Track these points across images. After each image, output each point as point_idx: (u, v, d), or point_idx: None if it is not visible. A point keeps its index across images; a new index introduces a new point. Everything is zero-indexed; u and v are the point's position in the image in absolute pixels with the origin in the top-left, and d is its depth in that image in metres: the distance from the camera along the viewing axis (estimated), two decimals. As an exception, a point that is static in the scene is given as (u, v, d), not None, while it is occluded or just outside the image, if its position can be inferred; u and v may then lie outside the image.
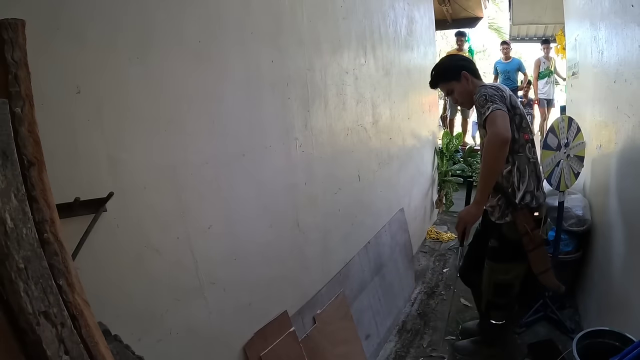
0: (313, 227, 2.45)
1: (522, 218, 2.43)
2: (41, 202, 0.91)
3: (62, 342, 0.82)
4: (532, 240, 2.46)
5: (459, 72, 2.57)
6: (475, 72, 2.65)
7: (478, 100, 2.33)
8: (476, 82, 2.58)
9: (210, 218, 1.69)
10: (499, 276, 2.62)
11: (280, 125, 2.13)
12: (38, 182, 0.92)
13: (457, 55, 3.04)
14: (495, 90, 2.36)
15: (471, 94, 2.51)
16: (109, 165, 1.32)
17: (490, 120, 2.22)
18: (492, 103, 2.24)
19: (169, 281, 1.54)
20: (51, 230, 0.92)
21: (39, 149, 0.93)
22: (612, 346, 2.02)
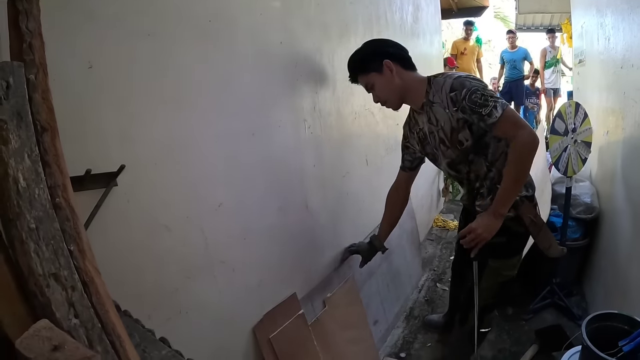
0: (322, 209, 2.44)
1: (526, 211, 2.16)
2: (54, 167, 0.91)
3: (72, 306, 0.81)
4: (537, 225, 2.22)
5: (381, 61, 2.04)
6: (406, 61, 2.13)
7: (469, 97, 1.87)
8: (412, 75, 2.12)
9: (220, 196, 1.69)
10: (506, 273, 2.36)
11: (289, 106, 2.12)
12: (51, 147, 0.92)
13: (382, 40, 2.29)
14: (476, 80, 1.96)
15: (398, 90, 2.09)
16: (120, 140, 1.32)
17: (512, 120, 1.87)
18: (495, 99, 1.85)
19: (179, 259, 1.55)
20: (63, 196, 0.91)
21: (52, 115, 0.93)
22: (620, 330, 2.01)
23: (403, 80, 2.08)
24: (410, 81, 2.10)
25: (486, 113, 1.84)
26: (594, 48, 4.17)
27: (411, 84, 2.10)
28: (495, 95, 1.87)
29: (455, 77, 1.95)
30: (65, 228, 0.89)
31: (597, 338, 1.90)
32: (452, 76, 1.97)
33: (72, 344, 0.60)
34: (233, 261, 1.79)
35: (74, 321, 0.81)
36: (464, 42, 8.19)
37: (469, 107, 1.88)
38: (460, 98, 1.89)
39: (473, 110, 1.88)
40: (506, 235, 2.19)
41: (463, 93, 1.88)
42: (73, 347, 0.58)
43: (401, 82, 2.07)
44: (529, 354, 2.86)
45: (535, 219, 2.19)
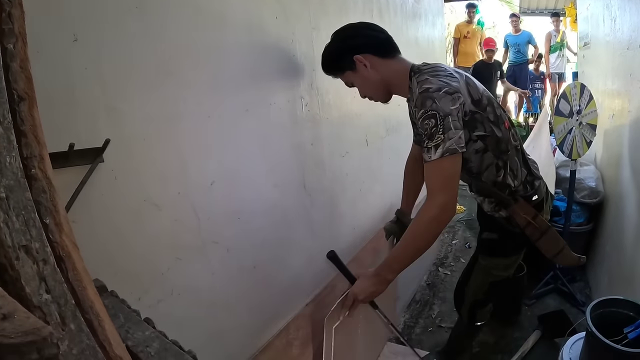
0: (320, 189, 2.38)
1: (519, 210, 1.98)
2: (30, 137, 0.87)
3: (43, 280, 0.76)
4: (538, 229, 2.00)
5: (351, 57, 1.84)
6: (383, 47, 1.88)
7: (423, 120, 1.62)
8: (392, 66, 1.88)
9: (212, 174, 1.64)
10: (497, 273, 2.22)
11: (285, 82, 2.06)
12: (28, 117, 0.87)
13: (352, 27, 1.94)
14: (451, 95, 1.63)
15: (379, 84, 1.90)
16: (107, 115, 1.27)
17: (436, 176, 1.63)
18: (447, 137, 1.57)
19: (170, 238, 1.50)
20: (40, 167, 0.87)
21: (30, 85, 0.89)
22: (625, 316, 1.97)
23: (382, 73, 1.87)
24: (391, 73, 1.88)
25: (427, 146, 1.62)
26: (599, 30, 4.12)
27: (392, 75, 1.88)
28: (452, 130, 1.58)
29: (423, 89, 1.66)
30: (41, 200, 0.85)
31: (601, 324, 1.87)
32: (422, 86, 1.68)
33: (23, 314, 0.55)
34: (227, 241, 1.73)
35: (45, 296, 0.76)
36: (467, 26, 8.13)
37: (421, 130, 1.67)
38: (417, 117, 1.69)
39: (422, 135, 1.67)
40: (498, 233, 2.12)
41: (420, 114, 1.64)
42: (23, 317, 0.53)
43: (380, 75, 1.87)
44: (532, 339, 2.84)
45: (535, 221, 1.98)
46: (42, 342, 0.51)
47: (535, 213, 1.98)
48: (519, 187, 1.99)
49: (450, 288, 3.52)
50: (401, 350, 2.86)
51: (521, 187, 1.99)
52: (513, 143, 1.93)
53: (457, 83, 1.71)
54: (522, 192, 2.00)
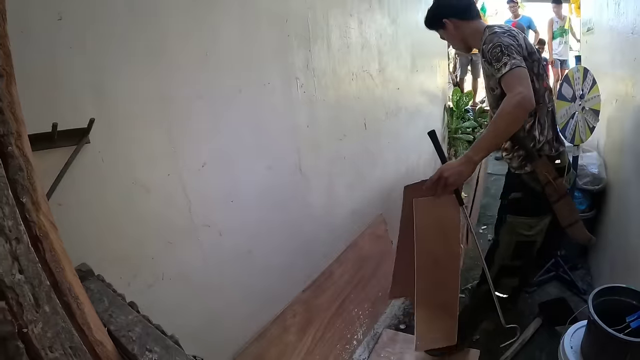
0: (316, 172, 2.36)
1: (542, 167, 2.18)
2: (7, 115, 0.83)
3: (16, 260, 0.72)
4: (556, 190, 2.21)
5: (441, 20, 2.31)
6: (465, 12, 2.30)
7: (491, 51, 2.00)
8: (471, 25, 2.28)
9: (203, 155, 1.61)
10: (522, 232, 2.32)
11: (279, 62, 2.02)
12: (5, 94, 0.83)
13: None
14: (510, 37, 2.04)
15: (461, 41, 2.34)
16: (93, 94, 1.24)
17: (512, 79, 1.91)
18: (510, 57, 1.94)
19: (160, 222, 1.47)
20: (17, 144, 0.83)
21: (9, 61, 0.85)
22: (628, 304, 1.93)
23: (464, 33, 2.29)
24: (470, 32, 2.27)
25: (497, 67, 1.95)
26: (603, 14, 4.06)
27: (471, 34, 2.28)
28: (513, 52, 1.95)
29: (492, 31, 2.10)
30: (17, 178, 0.81)
31: (603, 312, 1.83)
32: (492, 29, 2.12)
33: None
34: (219, 225, 1.71)
35: (18, 277, 0.73)
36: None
37: (489, 60, 2.03)
38: (486, 50, 2.04)
39: (490, 62, 2.01)
40: (522, 191, 2.29)
41: (489, 47, 2.02)
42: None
43: (463, 34, 2.30)
44: (532, 327, 2.81)
45: (555, 182, 2.19)
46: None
47: (556, 174, 2.21)
48: (544, 144, 2.21)
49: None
50: (400, 337, 2.86)
51: (547, 146, 2.22)
52: (546, 101, 2.21)
53: (516, 34, 2.12)
54: (547, 150, 2.23)
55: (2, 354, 0.51)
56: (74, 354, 0.81)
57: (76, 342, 0.82)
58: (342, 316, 2.59)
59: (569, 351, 2.02)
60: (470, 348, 2.70)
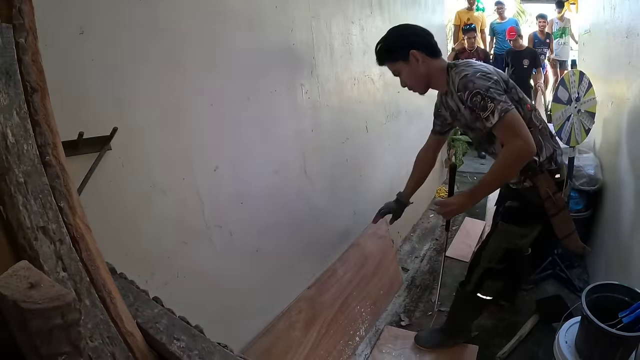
0: (320, 175, 2.43)
1: (543, 182, 2.15)
2: (44, 127, 0.91)
3: (60, 259, 0.81)
4: (555, 204, 2.19)
5: (407, 51, 2.09)
6: (432, 48, 2.15)
7: (471, 99, 1.91)
8: (436, 64, 2.14)
9: (215, 160, 1.69)
10: (513, 240, 2.33)
11: (285, 70, 2.10)
12: (41, 107, 0.92)
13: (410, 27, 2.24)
14: (484, 78, 1.93)
15: (423, 78, 2.16)
16: (114, 105, 1.32)
17: (506, 130, 1.86)
18: (495, 102, 1.84)
19: (175, 223, 1.55)
20: (53, 154, 0.91)
21: (42, 76, 0.93)
22: (620, 301, 1.99)
23: (428, 69, 2.13)
24: (435, 69, 2.15)
25: (484, 117, 1.88)
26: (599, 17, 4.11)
27: (435, 72, 2.15)
28: (497, 97, 1.86)
29: (462, 76, 1.98)
30: (55, 185, 0.89)
31: (597, 309, 1.88)
32: (460, 74, 2.01)
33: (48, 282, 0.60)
34: (230, 225, 1.79)
35: (62, 274, 0.81)
36: (468, 12, 7.99)
37: (471, 108, 1.96)
38: (465, 99, 1.96)
39: (474, 112, 1.95)
40: (519, 201, 2.28)
41: (466, 95, 1.93)
42: (49, 285, 0.59)
43: (426, 70, 2.13)
44: (529, 324, 2.86)
45: (554, 197, 2.17)
46: (66, 308, 0.56)
47: (556, 189, 2.18)
48: (544, 161, 2.17)
49: (450, 273, 3.57)
50: (401, 334, 2.92)
51: (546, 161, 2.18)
52: (535, 123, 2.13)
53: (487, 69, 2.02)
54: (547, 165, 2.18)
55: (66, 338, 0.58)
56: (111, 343, 0.89)
57: (113, 332, 0.90)
58: (345, 313, 2.65)
59: (564, 346, 2.08)
60: (469, 344, 2.76)
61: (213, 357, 0.98)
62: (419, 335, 2.84)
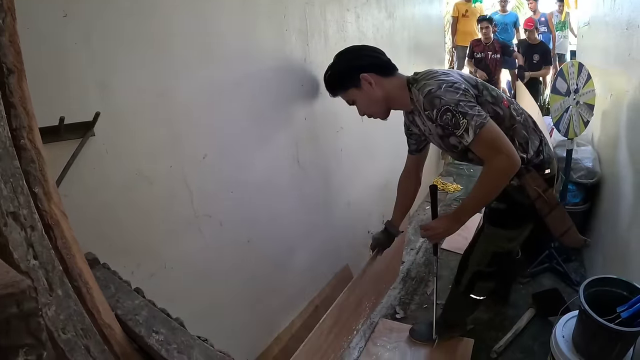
0: (314, 164, 2.39)
1: (531, 181, 2.00)
2: (19, 109, 0.87)
3: (31, 246, 0.77)
4: (547, 203, 2.04)
5: (357, 76, 1.94)
6: (384, 67, 2.00)
7: (441, 117, 1.74)
8: (393, 82, 1.98)
9: (204, 147, 1.64)
10: (501, 244, 2.23)
11: (277, 56, 2.04)
12: (17, 89, 0.88)
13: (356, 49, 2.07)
14: (452, 89, 1.77)
15: (381, 102, 1.99)
16: (98, 90, 1.27)
17: (484, 146, 1.74)
18: (467, 117, 1.70)
19: (162, 212, 1.51)
20: (28, 137, 0.87)
21: (19, 58, 0.89)
22: (619, 295, 1.95)
23: (385, 90, 1.98)
24: (392, 89, 1.99)
25: (459, 135, 1.74)
26: (599, 9, 4.09)
27: (394, 92, 1.99)
28: (469, 112, 1.71)
29: (425, 92, 1.80)
30: (30, 170, 0.86)
31: (594, 303, 1.85)
32: (423, 90, 1.82)
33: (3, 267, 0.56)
34: (220, 215, 1.75)
35: (33, 262, 0.78)
36: (466, 4, 7.92)
37: (443, 127, 1.82)
38: (434, 118, 1.79)
39: (447, 130, 1.80)
40: (507, 203, 2.12)
41: (434, 114, 1.77)
42: (3, 272, 0.55)
43: (383, 93, 1.98)
44: (526, 317, 2.84)
45: (545, 195, 2.03)
46: (21, 295, 0.52)
47: (546, 186, 2.03)
48: (532, 157, 2.02)
49: (445, 266, 3.55)
50: (396, 326, 2.90)
51: (534, 156, 2.02)
52: (517, 118, 1.99)
53: (452, 77, 1.85)
54: (535, 159, 2.02)
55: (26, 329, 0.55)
56: (85, 335, 0.85)
57: (87, 324, 0.87)
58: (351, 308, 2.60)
59: (561, 340, 2.06)
60: (464, 337, 2.75)
61: (192, 351, 0.95)
62: (414, 329, 2.81)
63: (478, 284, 2.41)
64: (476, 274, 2.37)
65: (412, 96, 1.93)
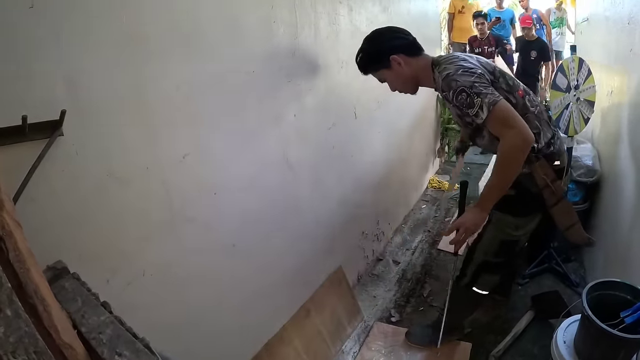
0: (304, 164, 2.30)
1: (540, 170, 2.06)
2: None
3: (-24, 260, 0.68)
4: (554, 194, 2.11)
5: (387, 57, 2.09)
6: (412, 47, 2.14)
7: (456, 98, 1.86)
8: (420, 62, 2.12)
9: (184, 146, 1.54)
10: (509, 231, 2.23)
11: (264, 49, 1.94)
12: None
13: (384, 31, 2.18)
14: (467, 74, 1.89)
15: (410, 79, 2.16)
16: (67, 86, 1.18)
17: (498, 123, 1.83)
18: (481, 97, 1.81)
19: (139, 216, 1.42)
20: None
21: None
22: (622, 299, 1.89)
23: (413, 69, 2.12)
24: (420, 69, 2.13)
25: (473, 114, 1.84)
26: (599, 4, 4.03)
27: (421, 71, 2.13)
28: (482, 89, 1.83)
29: (444, 75, 1.93)
30: (-24, 177, 0.77)
31: (597, 307, 1.80)
32: (442, 73, 1.95)
33: None
34: (202, 218, 1.66)
35: (-22, 278, 0.69)
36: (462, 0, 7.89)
37: (458, 107, 1.90)
38: (450, 99, 1.91)
39: (462, 110, 1.89)
40: (516, 190, 2.10)
41: (450, 95, 1.89)
42: None
43: (411, 72, 2.12)
44: (525, 320, 2.78)
45: (553, 185, 2.09)
46: None
47: (554, 177, 2.10)
48: (543, 147, 2.08)
49: (442, 265, 3.50)
50: (391, 330, 2.83)
51: (545, 147, 2.09)
52: (530, 109, 2.05)
53: (470, 63, 1.96)
54: (545, 150, 2.09)
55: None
56: (39, 359, 0.76)
57: (41, 346, 0.78)
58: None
59: (562, 346, 1.99)
60: (461, 341, 2.68)
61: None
62: (410, 332, 2.75)
63: (483, 275, 2.38)
64: (482, 265, 2.34)
65: (434, 77, 2.07)
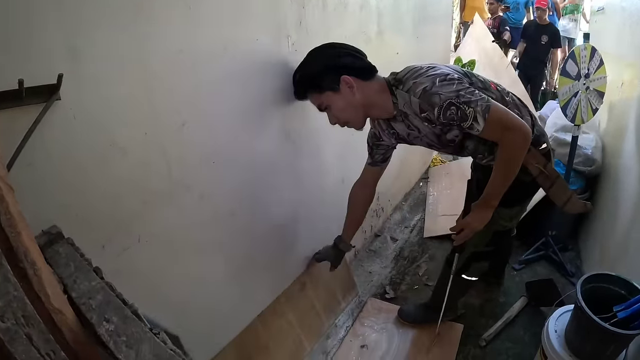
0: (304, 137, 2.26)
1: (532, 159, 1.95)
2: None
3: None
4: (549, 177, 2.01)
5: (337, 78, 1.77)
6: (365, 70, 1.84)
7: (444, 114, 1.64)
8: (374, 86, 1.83)
9: (184, 114, 1.51)
10: (503, 223, 2.19)
11: (269, 18, 1.87)
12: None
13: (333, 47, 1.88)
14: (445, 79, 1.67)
15: (359, 107, 1.83)
16: (66, 52, 1.15)
17: (498, 125, 1.68)
18: (473, 104, 1.62)
19: (137, 183, 1.40)
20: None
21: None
22: (616, 293, 1.91)
23: (365, 96, 1.82)
24: (373, 94, 1.84)
25: (467, 126, 1.67)
26: (615, -5, 3.94)
27: (374, 97, 1.84)
28: (472, 98, 1.63)
29: (419, 93, 1.68)
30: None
31: (591, 299, 1.80)
32: (415, 91, 1.70)
33: None
34: (200, 186, 1.64)
35: (-41, 243, 0.68)
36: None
37: (448, 124, 1.70)
38: (435, 118, 1.68)
39: (452, 124, 1.71)
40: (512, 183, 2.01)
41: (435, 113, 1.66)
42: None
43: (363, 98, 1.82)
44: (517, 306, 2.80)
45: (545, 169, 1.99)
46: None
47: (545, 161, 2.00)
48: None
49: (438, 246, 3.52)
50: (385, 307, 2.87)
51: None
52: (506, 99, 1.93)
53: (441, 69, 1.74)
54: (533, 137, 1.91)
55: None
56: (27, 324, 0.76)
57: (29, 310, 0.77)
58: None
59: (553, 335, 2.02)
60: (454, 322, 2.70)
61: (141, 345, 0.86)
62: (403, 309, 2.78)
63: (473, 264, 2.38)
64: (472, 255, 2.33)
65: (395, 100, 1.81)
